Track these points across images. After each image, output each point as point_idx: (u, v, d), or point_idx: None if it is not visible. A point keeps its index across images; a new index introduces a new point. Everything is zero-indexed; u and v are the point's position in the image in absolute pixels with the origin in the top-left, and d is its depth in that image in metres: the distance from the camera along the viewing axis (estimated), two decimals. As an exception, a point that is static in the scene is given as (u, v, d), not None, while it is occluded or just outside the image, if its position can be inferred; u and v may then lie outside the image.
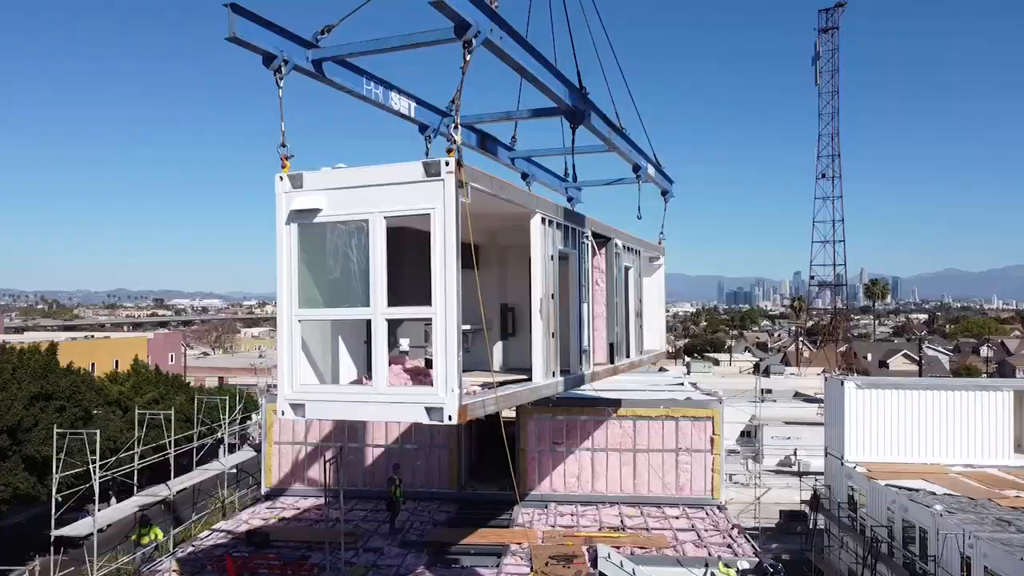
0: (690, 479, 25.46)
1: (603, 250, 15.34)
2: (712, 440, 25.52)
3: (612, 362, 15.33)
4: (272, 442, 26.85)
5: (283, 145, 9.56)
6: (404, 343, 10.87)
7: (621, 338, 15.95)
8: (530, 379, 11.77)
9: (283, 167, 9.62)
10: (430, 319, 11.46)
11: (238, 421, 44.95)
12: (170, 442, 35.98)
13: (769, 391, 64.81)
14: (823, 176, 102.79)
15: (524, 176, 16.36)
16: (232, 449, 42.36)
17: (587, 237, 13.75)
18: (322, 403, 9.63)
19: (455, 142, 8.71)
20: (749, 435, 52.67)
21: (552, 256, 11.88)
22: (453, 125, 8.81)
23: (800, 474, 44.74)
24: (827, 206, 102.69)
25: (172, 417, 38.61)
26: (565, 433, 25.81)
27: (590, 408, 25.87)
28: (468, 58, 8.65)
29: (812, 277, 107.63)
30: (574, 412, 25.84)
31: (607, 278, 15.29)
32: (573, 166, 15.78)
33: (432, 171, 8.69)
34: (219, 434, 41.26)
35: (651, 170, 17.21)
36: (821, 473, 36.97)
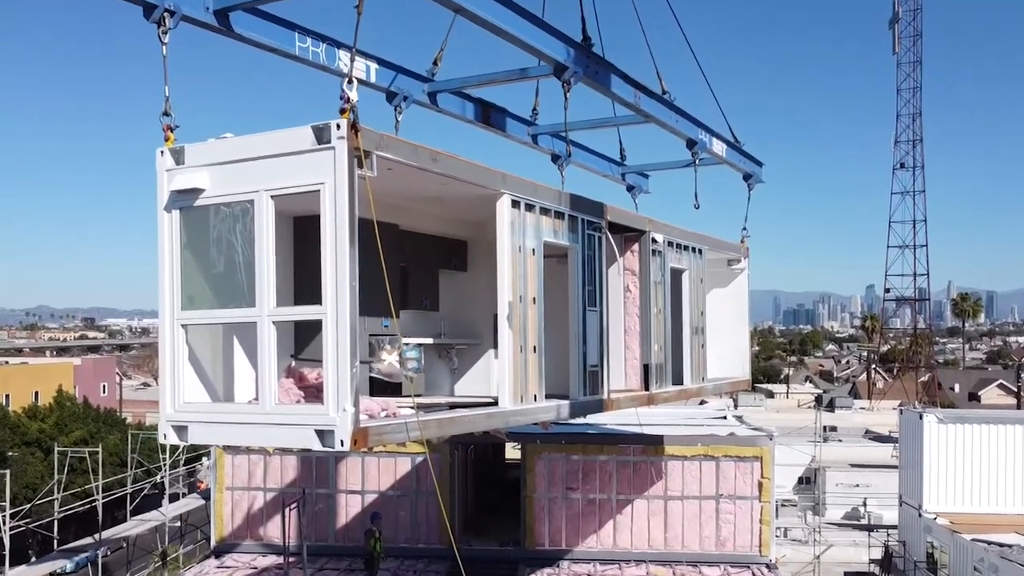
0: (733, 532, 25.47)
1: (635, 246, 14.95)
2: (760, 485, 25.54)
3: (647, 388, 14.91)
4: (223, 488, 26.93)
5: (166, 114, 9.50)
6: None
7: (664, 359, 15.43)
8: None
9: (166, 140, 9.54)
10: (382, 328, 11.31)
11: (183, 463, 45.09)
12: (98, 488, 36.11)
13: (834, 429, 64.68)
14: (901, 166, 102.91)
15: (555, 159, 15.89)
16: (176, 497, 42.49)
17: (600, 228, 13.43)
18: (208, 425, 9.60)
19: (349, 100, 8.52)
20: (808, 481, 52.61)
21: (533, 249, 11.68)
22: (347, 79, 8.58)
23: (869, 528, 44.64)
24: (906, 203, 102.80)
25: (101, 458, 38.76)
26: (581, 476, 25.85)
27: (612, 446, 25.91)
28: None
29: (888, 291, 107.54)
30: (592, 451, 25.88)
31: (641, 282, 14.92)
32: (567, 139, 15.05)
33: (324, 138, 8.57)
34: (159, 477, 41.42)
35: (718, 146, 16.76)
36: (894, 527, 36.97)
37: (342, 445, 8.49)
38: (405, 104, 12.92)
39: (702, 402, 43.89)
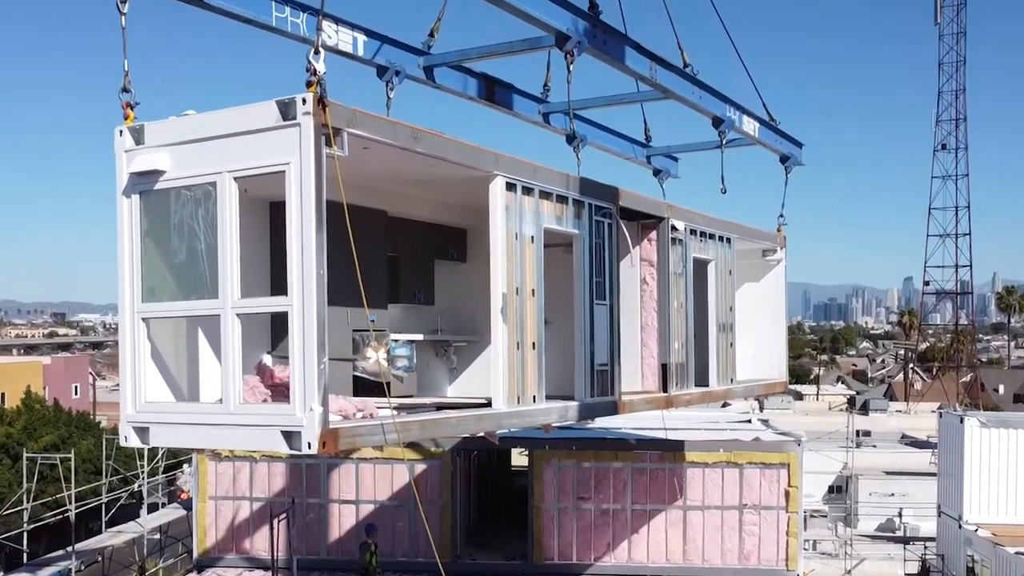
0: (758, 545, 25.54)
1: (653, 234, 14.75)
2: (787, 494, 25.61)
3: (665, 390, 14.70)
4: (206, 497, 27.03)
5: (125, 90, 9.45)
6: None
7: (685, 358, 15.23)
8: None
9: (126, 118, 9.53)
10: (369, 324, 11.24)
11: (162, 470, 45.22)
12: (71, 497, 36.25)
13: (868, 433, 64.77)
14: (943, 147, 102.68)
15: (570, 139, 15.46)
16: (155, 507, 42.63)
17: (610, 214, 13.30)
18: (171, 426, 9.62)
19: (316, 72, 8.43)
20: (839, 490, 52.70)
21: (531, 237, 11.58)
22: (313, 48, 8.52)
23: (905, 540, 44.73)
24: (948, 188, 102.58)
25: (74, 465, 38.83)
26: (593, 485, 25.92)
27: (626, 452, 25.97)
28: None
29: (927, 283, 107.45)
30: (605, 457, 25.94)
31: (659, 274, 14.72)
32: (570, 115, 14.81)
33: (289, 113, 8.50)
34: (136, 486, 41.52)
35: (749, 125, 16.52)
36: (932, 539, 37.04)
37: (309, 448, 8.48)
38: (397, 79, 12.66)
39: (724, 404, 44.02)
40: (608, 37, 12.39)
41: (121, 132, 9.55)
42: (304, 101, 8.39)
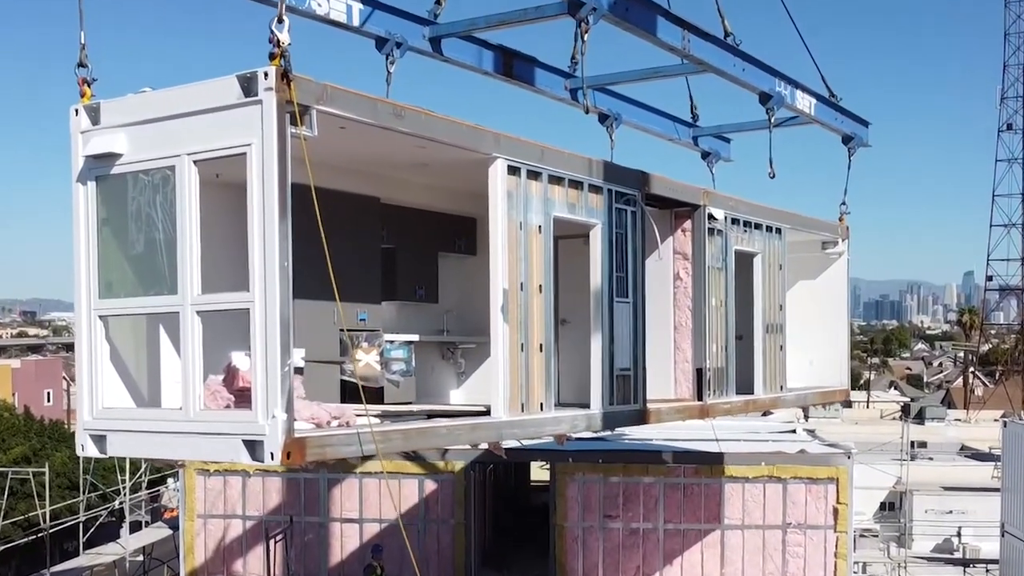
0: (803, 568, 25.53)
1: (687, 224, 14.56)
2: (835, 511, 25.60)
3: (700, 397, 14.50)
4: (194, 515, 27.10)
5: (82, 65, 9.42)
6: (298, 354, 10.03)
7: (725, 363, 15.01)
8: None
9: (82, 96, 9.52)
10: (359, 322, 11.18)
11: (145, 485, 45.33)
12: (45, 515, 36.37)
13: (924, 444, 64.50)
14: (1008, 127, 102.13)
15: (603, 119, 15.51)
16: (137, 526, 42.74)
17: (634, 201, 13.10)
18: (129, 435, 9.57)
19: (280, 43, 8.35)
20: (892, 507, 52.61)
21: (539, 227, 11.47)
22: (276, 17, 8.41)
23: (965, 563, 44.69)
24: (1014, 172, 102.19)
25: (48, 480, 38.92)
26: (622, 502, 25.93)
27: (658, 466, 25.96)
28: None
29: (990, 279, 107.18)
30: (634, 472, 25.93)
31: (694, 268, 14.53)
32: (584, 91, 13.95)
33: (251, 90, 8.45)
34: (117, 503, 41.63)
35: (803, 101, 16.08)
36: (995, 561, 36.99)
37: (272, 458, 8.44)
38: (398, 52, 12.39)
39: (766, 413, 43.89)
40: (632, 3, 12.14)
41: (77, 111, 9.54)
42: (266, 75, 8.33)
